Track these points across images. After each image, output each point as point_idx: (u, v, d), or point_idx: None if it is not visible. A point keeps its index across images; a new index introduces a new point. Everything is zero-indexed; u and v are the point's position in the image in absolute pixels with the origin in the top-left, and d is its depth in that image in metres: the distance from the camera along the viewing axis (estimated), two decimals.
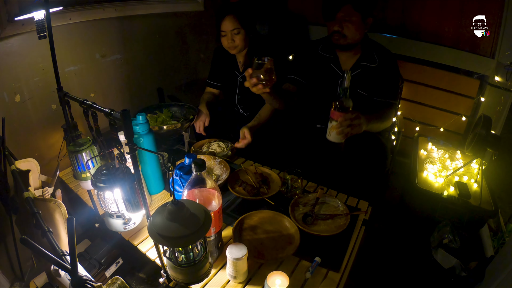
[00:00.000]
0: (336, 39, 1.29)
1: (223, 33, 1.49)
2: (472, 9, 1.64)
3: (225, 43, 1.52)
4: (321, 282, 0.89)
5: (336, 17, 1.25)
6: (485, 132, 1.39)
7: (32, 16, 0.99)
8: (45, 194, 1.07)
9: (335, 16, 1.25)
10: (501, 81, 1.61)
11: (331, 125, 1.10)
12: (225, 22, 1.46)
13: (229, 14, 1.46)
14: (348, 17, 1.23)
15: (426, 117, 1.91)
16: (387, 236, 1.55)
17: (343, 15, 1.24)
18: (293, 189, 1.20)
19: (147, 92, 1.90)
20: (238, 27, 1.48)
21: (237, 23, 1.47)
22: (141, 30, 1.77)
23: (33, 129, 1.38)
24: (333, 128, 1.10)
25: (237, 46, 1.52)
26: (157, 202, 1.20)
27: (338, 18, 1.25)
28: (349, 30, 1.26)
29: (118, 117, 0.72)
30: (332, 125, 1.10)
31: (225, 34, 1.49)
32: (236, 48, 1.53)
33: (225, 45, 1.53)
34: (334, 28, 1.27)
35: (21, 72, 1.28)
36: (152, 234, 0.66)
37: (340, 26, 1.25)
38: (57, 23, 1.31)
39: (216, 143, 1.48)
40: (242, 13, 1.49)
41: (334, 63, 1.40)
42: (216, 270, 0.92)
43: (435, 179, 1.49)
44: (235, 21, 1.46)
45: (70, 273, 0.61)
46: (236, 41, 1.50)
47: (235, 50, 1.54)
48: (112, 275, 1.19)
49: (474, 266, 1.27)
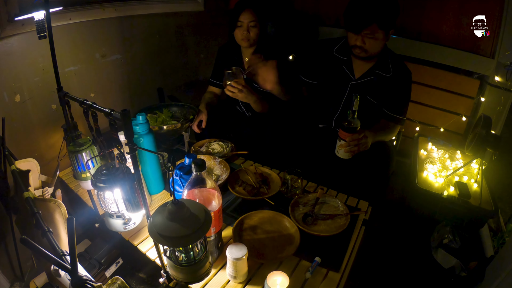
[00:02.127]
0: (357, 52, 1.28)
1: (240, 23, 1.52)
2: (472, 9, 1.64)
3: (239, 34, 1.54)
4: (321, 282, 0.89)
5: (361, 32, 1.23)
6: (485, 132, 1.39)
7: (32, 16, 0.99)
8: (45, 194, 1.07)
9: (360, 32, 1.23)
10: (501, 81, 1.61)
11: (340, 143, 1.18)
12: (244, 14, 1.50)
13: (249, 7, 1.51)
14: (372, 34, 1.21)
15: (426, 117, 1.91)
16: (387, 236, 1.55)
17: (367, 32, 1.22)
18: (293, 189, 1.20)
19: (147, 92, 1.90)
20: (256, 20, 1.52)
21: (255, 17, 1.51)
22: (141, 30, 1.77)
23: (33, 129, 1.38)
24: (341, 146, 1.18)
25: (250, 39, 1.54)
26: (157, 202, 1.20)
27: (362, 33, 1.23)
28: (372, 46, 1.25)
29: (118, 117, 0.72)
30: (340, 144, 1.18)
31: (241, 25, 1.52)
32: (248, 41, 1.55)
33: (239, 37, 1.55)
34: (357, 43, 1.25)
35: (21, 72, 1.28)
36: (152, 234, 0.66)
37: (363, 42, 1.24)
38: (57, 23, 1.31)
39: (216, 143, 1.48)
40: (260, 9, 1.54)
41: (347, 66, 1.39)
42: (216, 270, 0.92)
43: (435, 179, 1.49)
44: (253, 15, 1.51)
45: (70, 273, 0.61)
46: (251, 34, 1.53)
47: (247, 43, 1.56)
48: (112, 275, 1.19)
49: (474, 266, 1.27)
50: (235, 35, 1.57)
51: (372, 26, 1.20)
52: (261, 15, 1.54)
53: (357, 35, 1.24)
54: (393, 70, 1.34)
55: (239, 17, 1.51)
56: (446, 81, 1.81)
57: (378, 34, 1.22)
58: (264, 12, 1.57)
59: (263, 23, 1.58)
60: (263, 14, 1.55)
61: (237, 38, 1.57)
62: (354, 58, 1.37)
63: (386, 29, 1.23)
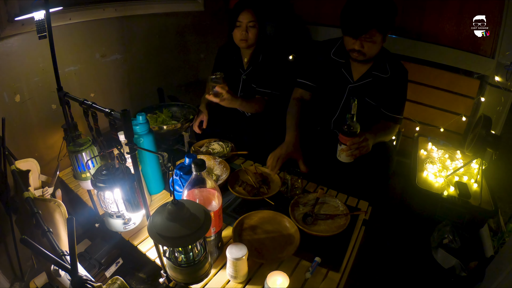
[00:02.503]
0: (355, 56, 1.27)
1: (238, 24, 1.52)
2: (472, 9, 1.64)
3: (237, 35, 1.54)
4: (321, 282, 0.89)
5: (359, 37, 1.22)
6: (485, 132, 1.39)
7: (32, 16, 1.00)
8: (45, 194, 1.07)
9: (358, 36, 1.21)
10: (501, 81, 1.61)
11: (341, 148, 1.17)
12: (243, 14, 1.50)
13: (248, 8, 1.50)
14: (371, 38, 1.20)
15: (426, 117, 1.91)
16: (387, 236, 1.55)
17: (366, 37, 1.20)
18: (293, 189, 1.20)
19: (147, 92, 1.90)
20: (255, 20, 1.51)
21: (254, 17, 1.51)
22: (141, 30, 1.77)
23: (33, 129, 1.38)
24: (342, 150, 1.17)
25: (248, 40, 1.54)
26: (157, 202, 1.20)
27: (360, 38, 1.22)
28: (370, 49, 1.24)
29: (118, 117, 0.72)
30: (341, 148, 1.17)
31: (240, 25, 1.51)
32: (246, 42, 1.55)
33: (237, 37, 1.55)
34: (355, 46, 1.24)
35: (21, 72, 1.28)
36: (152, 234, 0.66)
37: (361, 46, 1.23)
38: (57, 23, 1.31)
39: (216, 143, 1.48)
40: (259, 9, 1.54)
41: (346, 68, 1.39)
42: (216, 270, 0.92)
43: (435, 179, 1.49)
44: (252, 15, 1.50)
45: (70, 273, 0.61)
46: (250, 34, 1.53)
47: (245, 43, 1.55)
48: (112, 275, 1.19)
49: (474, 266, 1.27)
50: (234, 36, 1.56)
51: (372, 30, 1.18)
52: (260, 15, 1.53)
53: (355, 40, 1.22)
54: (391, 71, 1.34)
55: (238, 17, 1.50)
56: (446, 81, 1.81)
57: (376, 37, 1.20)
58: (264, 12, 1.57)
59: (262, 23, 1.57)
60: (262, 15, 1.55)
61: (236, 38, 1.56)
62: (352, 61, 1.37)
63: (385, 32, 1.22)
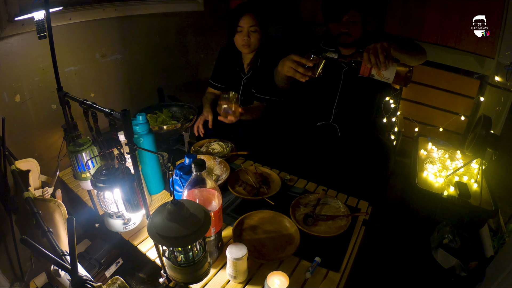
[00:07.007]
0: (343, 39, 1.36)
1: (240, 29, 1.50)
2: (472, 9, 1.64)
3: (239, 40, 1.52)
4: (321, 282, 0.89)
5: (342, 20, 1.32)
6: (485, 132, 1.39)
7: (32, 16, 1.00)
8: (45, 194, 1.07)
9: (340, 20, 1.33)
10: (501, 81, 1.61)
11: (370, 73, 1.06)
12: (244, 18, 1.48)
13: (249, 12, 1.48)
14: (353, 18, 1.32)
15: (426, 117, 1.91)
16: (387, 236, 1.55)
17: (348, 17, 1.31)
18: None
19: (147, 92, 1.90)
20: (256, 24, 1.50)
21: (255, 21, 1.49)
22: (141, 30, 1.77)
23: (33, 129, 1.38)
24: (372, 71, 1.05)
25: (250, 45, 1.53)
26: (157, 202, 1.20)
27: (343, 21, 1.32)
28: (355, 30, 1.34)
29: (118, 117, 0.72)
30: (363, 71, 1.06)
31: (242, 30, 1.50)
32: (249, 47, 1.53)
33: (239, 42, 1.53)
34: (341, 30, 1.34)
35: (21, 72, 1.28)
36: (152, 234, 0.66)
37: (346, 28, 1.33)
38: (57, 23, 1.31)
39: (216, 143, 1.48)
40: (261, 13, 1.52)
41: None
42: (216, 270, 0.92)
43: (435, 179, 1.49)
44: (254, 19, 1.49)
45: (70, 273, 0.61)
46: (252, 39, 1.51)
47: (248, 48, 1.54)
48: (112, 275, 1.19)
49: (474, 266, 1.27)
50: (235, 41, 1.54)
51: (350, 11, 1.30)
52: (261, 19, 1.51)
53: (340, 24, 1.33)
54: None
55: (239, 22, 1.48)
56: (446, 81, 1.81)
57: (357, 17, 1.32)
58: (265, 16, 1.55)
59: (264, 27, 1.55)
60: (263, 18, 1.53)
61: (237, 44, 1.54)
62: (341, 48, 1.43)
63: (364, 11, 1.33)
